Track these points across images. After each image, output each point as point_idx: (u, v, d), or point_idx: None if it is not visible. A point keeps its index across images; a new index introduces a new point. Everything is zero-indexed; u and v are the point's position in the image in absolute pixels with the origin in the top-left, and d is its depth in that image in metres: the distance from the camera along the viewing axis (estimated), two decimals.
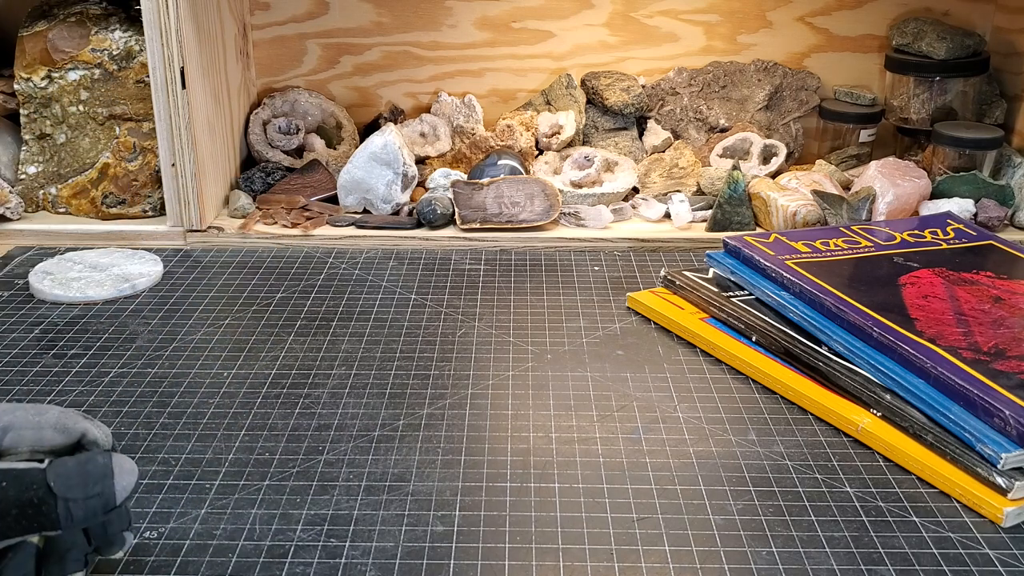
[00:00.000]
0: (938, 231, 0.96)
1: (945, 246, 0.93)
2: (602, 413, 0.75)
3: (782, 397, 0.78)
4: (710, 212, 1.10)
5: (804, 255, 0.89)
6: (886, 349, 0.75)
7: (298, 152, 1.23)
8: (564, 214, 1.10)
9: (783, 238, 0.93)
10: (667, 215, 1.11)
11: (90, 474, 0.52)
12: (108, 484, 0.53)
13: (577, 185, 1.14)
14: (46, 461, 0.52)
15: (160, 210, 1.11)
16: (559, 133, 1.21)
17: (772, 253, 0.89)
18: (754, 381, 0.80)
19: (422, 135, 1.23)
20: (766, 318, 0.84)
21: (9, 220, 1.09)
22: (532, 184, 1.10)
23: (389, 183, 1.10)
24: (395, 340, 0.86)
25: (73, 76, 1.08)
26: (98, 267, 0.98)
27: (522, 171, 1.14)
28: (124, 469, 0.54)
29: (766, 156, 1.20)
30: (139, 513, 0.62)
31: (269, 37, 1.26)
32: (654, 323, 0.90)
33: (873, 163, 1.12)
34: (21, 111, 1.11)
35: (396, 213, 1.11)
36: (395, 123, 1.24)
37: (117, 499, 0.53)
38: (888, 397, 0.73)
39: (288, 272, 1.00)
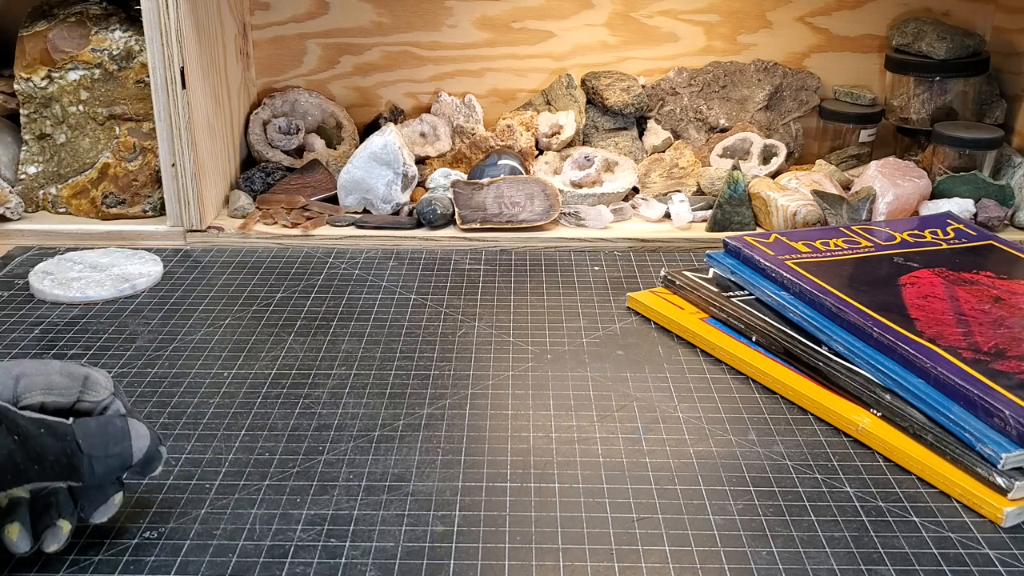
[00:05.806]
0: (938, 231, 0.96)
1: (945, 246, 0.93)
2: (602, 413, 0.75)
3: (782, 397, 0.77)
4: (710, 212, 1.10)
5: (804, 255, 0.89)
6: (886, 349, 0.75)
7: (298, 152, 1.23)
8: (564, 214, 1.10)
9: (783, 238, 0.93)
10: (667, 215, 1.11)
11: (111, 435, 0.57)
12: (126, 446, 0.57)
13: (577, 185, 1.14)
14: (71, 420, 0.56)
15: (160, 210, 1.11)
16: (559, 133, 1.21)
17: (772, 253, 0.89)
18: (754, 381, 0.80)
19: (422, 135, 1.23)
20: (766, 318, 0.84)
21: (9, 220, 1.09)
22: (532, 184, 1.10)
23: (389, 183, 1.10)
24: (395, 340, 0.86)
25: (73, 76, 1.08)
26: (98, 267, 0.98)
27: (522, 171, 1.14)
28: (139, 433, 0.58)
29: (766, 156, 1.20)
30: (139, 513, 0.63)
31: (269, 37, 1.26)
32: (654, 323, 0.90)
33: (873, 163, 1.12)
34: (21, 111, 1.11)
35: (396, 213, 1.11)
36: (395, 123, 1.24)
37: (132, 460, 0.57)
38: (888, 397, 0.73)
39: (288, 272, 1.00)
